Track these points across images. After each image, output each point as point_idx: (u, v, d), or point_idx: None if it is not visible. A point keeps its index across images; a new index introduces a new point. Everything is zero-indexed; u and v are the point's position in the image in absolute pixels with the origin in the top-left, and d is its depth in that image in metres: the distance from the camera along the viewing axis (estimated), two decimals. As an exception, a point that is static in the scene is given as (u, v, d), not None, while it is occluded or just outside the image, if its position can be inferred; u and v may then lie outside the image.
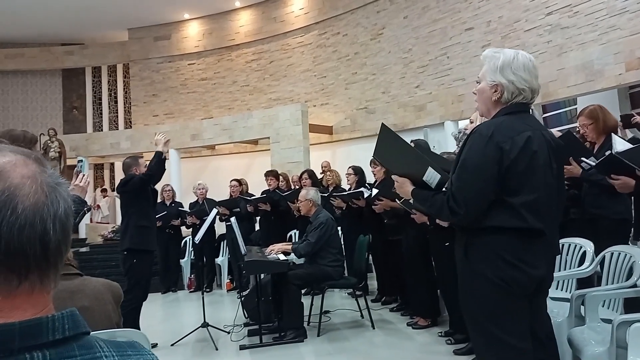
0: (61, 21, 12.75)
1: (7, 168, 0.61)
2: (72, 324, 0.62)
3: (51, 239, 0.61)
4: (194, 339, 4.43)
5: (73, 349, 0.61)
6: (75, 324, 0.62)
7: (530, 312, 1.78)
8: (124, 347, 0.68)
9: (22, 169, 0.62)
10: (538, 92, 1.88)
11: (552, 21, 7.58)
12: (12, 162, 0.62)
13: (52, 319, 0.60)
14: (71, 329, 0.61)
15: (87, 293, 1.94)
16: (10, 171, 0.60)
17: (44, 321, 0.59)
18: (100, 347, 0.64)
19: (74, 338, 0.61)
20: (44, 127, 12.84)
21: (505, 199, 1.72)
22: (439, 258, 3.99)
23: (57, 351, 0.59)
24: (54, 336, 0.59)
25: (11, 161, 0.62)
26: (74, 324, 0.62)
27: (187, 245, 7.57)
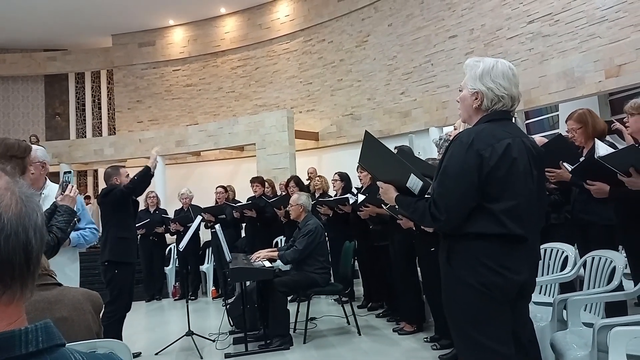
0: (44, 26, 12.59)
1: None
2: (46, 336, 0.61)
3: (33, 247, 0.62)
4: (179, 347, 4.39)
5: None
6: (50, 336, 0.61)
7: (513, 317, 1.80)
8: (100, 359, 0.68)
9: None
10: (518, 100, 1.91)
11: (533, 29, 7.71)
12: None
13: (25, 332, 0.59)
14: (45, 341, 0.60)
15: (66, 303, 1.91)
16: None
17: (17, 334, 0.59)
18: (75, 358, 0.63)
19: (48, 350, 0.60)
20: (26, 133, 12.65)
21: (485, 206, 1.75)
22: (425, 263, 4.02)
23: None
24: (27, 349, 0.58)
25: None
26: (48, 336, 0.61)
27: (172, 253, 7.50)
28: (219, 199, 7.06)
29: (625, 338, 1.93)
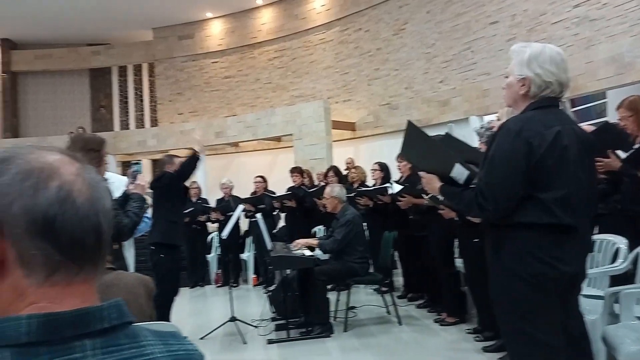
0: (88, 22, 13.00)
1: (59, 166, 0.64)
2: (118, 313, 0.65)
3: (104, 230, 0.65)
4: (222, 332, 4.51)
5: (119, 337, 0.63)
6: (121, 314, 0.65)
7: (563, 309, 1.77)
8: (166, 337, 0.71)
9: (70, 167, 0.65)
10: (568, 86, 1.86)
11: (579, 13, 7.41)
12: (61, 160, 0.65)
13: (100, 309, 0.63)
14: (117, 319, 0.64)
15: (121, 287, 2.00)
16: (61, 169, 0.64)
17: (92, 310, 0.62)
18: (144, 336, 0.67)
19: (120, 327, 0.64)
20: (73, 126, 13.11)
21: (535, 195, 1.71)
22: (467, 254, 3.97)
23: (104, 340, 0.61)
24: (101, 325, 0.62)
25: (60, 159, 0.65)
26: (120, 313, 0.65)
27: (213, 241, 7.68)
28: (257, 188, 7.16)
29: (683, 333, 1.87)
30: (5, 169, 0.62)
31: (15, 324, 0.58)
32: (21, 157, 0.64)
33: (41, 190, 0.61)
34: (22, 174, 0.62)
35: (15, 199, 0.61)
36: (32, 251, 0.61)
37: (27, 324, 0.58)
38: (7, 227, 0.61)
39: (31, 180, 0.61)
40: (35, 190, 0.61)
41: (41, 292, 0.62)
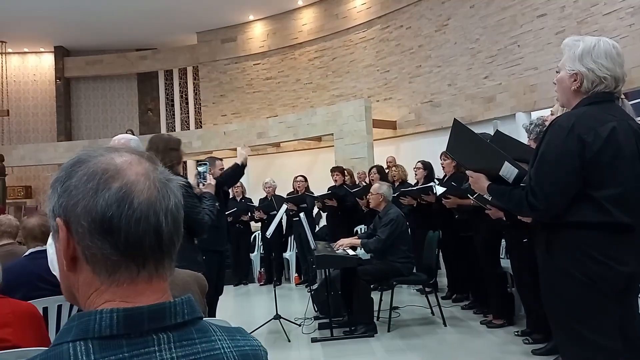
0: (135, 28, 13.50)
1: (124, 167, 0.66)
2: (190, 309, 0.67)
3: (164, 230, 0.67)
4: (267, 330, 4.57)
5: (191, 332, 0.66)
6: (192, 309, 0.67)
7: (621, 312, 1.69)
8: (233, 332, 0.73)
9: (137, 167, 0.67)
10: (623, 81, 1.78)
11: (634, 3, 7.05)
12: (128, 162, 0.68)
13: (174, 304, 0.66)
14: (189, 314, 0.66)
15: (177, 284, 2.06)
16: (126, 169, 0.66)
17: (167, 306, 0.65)
18: (214, 331, 0.69)
19: (192, 322, 0.66)
20: (122, 128, 13.65)
21: (589, 193, 1.65)
22: (516, 255, 3.86)
23: (178, 334, 0.64)
24: (175, 320, 0.64)
25: (127, 160, 0.68)
26: (191, 309, 0.67)
27: (257, 240, 7.79)
28: (299, 187, 7.21)
29: None
30: (75, 171, 0.66)
31: (98, 317, 0.61)
32: (91, 160, 0.67)
33: (102, 191, 0.64)
34: (87, 175, 0.65)
35: (79, 199, 0.64)
36: (93, 250, 0.64)
37: (110, 318, 0.61)
38: (73, 226, 0.64)
39: (94, 182, 0.64)
40: (97, 191, 0.64)
41: (111, 291, 0.65)
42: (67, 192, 0.65)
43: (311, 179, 7.81)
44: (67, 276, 0.67)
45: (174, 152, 2.86)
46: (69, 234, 0.65)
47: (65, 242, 0.65)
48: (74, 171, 0.66)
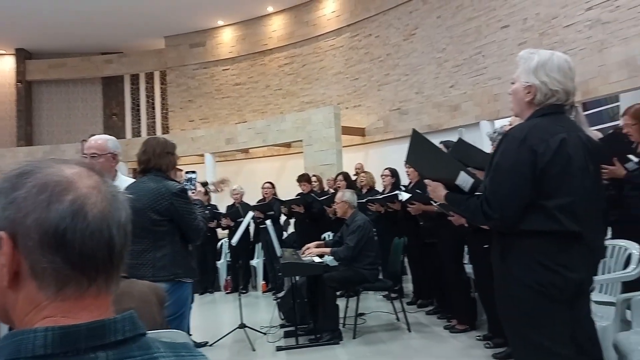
0: (101, 31, 13.21)
1: (75, 179, 0.65)
2: (131, 325, 0.65)
3: (116, 243, 0.66)
4: (231, 339, 4.51)
5: (132, 349, 0.64)
6: (134, 326, 0.65)
7: (571, 317, 1.74)
8: (178, 348, 0.71)
9: (87, 180, 0.66)
10: (574, 94, 1.84)
11: (592, 16, 7.34)
12: (78, 174, 0.66)
13: (114, 321, 0.64)
14: (130, 331, 0.64)
15: (134, 295, 2.01)
16: (77, 182, 0.65)
17: (107, 323, 0.63)
18: (157, 347, 0.67)
19: (133, 339, 0.64)
20: (86, 133, 13.25)
21: (540, 203, 1.70)
22: (477, 260, 3.93)
23: (117, 351, 0.62)
24: (115, 337, 0.62)
25: (77, 172, 0.66)
26: (133, 325, 0.65)
27: (223, 247, 7.70)
28: (266, 194, 7.17)
29: (697, 341, 1.82)
30: (23, 183, 0.63)
31: (32, 336, 0.59)
32: (39, 171, 0.65)
33: (54, 203, 0.62)
34: (38, 187, 0.63)
35: (29, 211, 0.62)
36: (43, 264, 0.61)
37: (44, 337, 0.59)
38: (21, 239, 0.62)
39: (46, 194, 0.62)
40: (49, 203, 0.62)
41: (54, 306, 0.62)
42: (15, 204, 0.62)
43: (281, 185, 7.78)
44: (4, 293, 0.64)
45: (170, 156, 2.83)
46: (14, 248, 0.62)
47: (10, 256, 0.62)
48: (21, 182, 0.63)
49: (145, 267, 2.64)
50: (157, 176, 2.75)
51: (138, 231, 2.64)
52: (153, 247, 2.66)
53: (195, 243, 2.96)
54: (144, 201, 2.65)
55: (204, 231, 2.83)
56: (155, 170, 2.77)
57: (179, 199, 2.70)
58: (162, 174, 2.79)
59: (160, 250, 2.66)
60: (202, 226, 2.81)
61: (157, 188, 2.68)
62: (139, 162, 2.81)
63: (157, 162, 2.78)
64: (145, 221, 2.65)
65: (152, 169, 2.77)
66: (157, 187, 2.69)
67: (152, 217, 2.65)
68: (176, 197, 2.69)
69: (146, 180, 2.74)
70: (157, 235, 2.67)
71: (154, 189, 2.68)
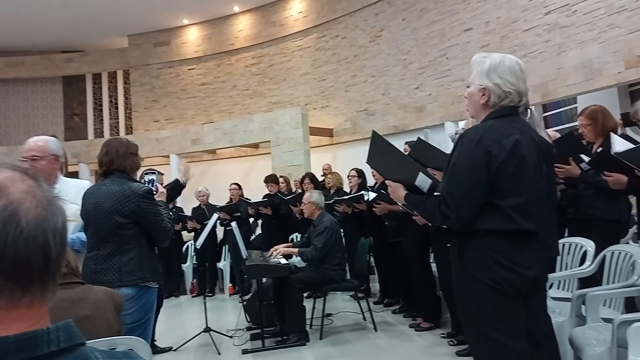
0: (61, 28, 12.80)
1: (7, 184, 0.62)
2: (67, 335, 0.62)
3: (52, 250, 0.63)
4: (197, 343, 4.44)
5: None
6: (70, 336, 0.63)
7: (526, 313, 1.78)
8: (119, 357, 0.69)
9: (20, 184, 0.63)
10: (526, 95, 1.89)
11: (550, 20, 7.58)
12: (10, 178, 0.63)
13: (47, 332, 0.61)
14: (66, 341, 0.62)
15: (89, 302, 1.95)
16: (10, 187, 0.62)
17: (39, 334, 0.60)
18: (95, 357, 0.65)
19: (69, 349, 0.62)
20: (45, 134, 12.82)
21: (495, 202, 1.74)
22: (441, 259, 3.99)
23: None
24: (49, 348, 0.60)
25: (10, 177, 0.63)
26: (69, 335, 0.63)
27: (189, 250, 7.58)
28: (233, 195, 7.11)
29: (646, 334, 1.89)
30: None
31: None
32: None
33: None
34: None
35: None
36: None
37: None
38: None
39: None
40: None
41: None
42: None
43: (249, 186, 7.72)
44: None
45: (133, 157, 2.76)
46: None
47: None
48: None
49: (111, 271, 2.58)
50: (120, 178, 2.69)
51: (103, 235, 2.62)
52: (119, 251, 2.60)
53: (164, 245, 2.90)
54: (108, 204, 2.60)
55: (172, 232, 2.79)
56: (118, 172, 2.70)
57: (146, 200, 2.65)
58: (126, 176, 2.72)
59: (127, 254, 2.60)
60: (169, 227, 2.77)
61: (122, 190, 2.62)
62: (101, 164, 2.73)
63: (121, 163, 2.71)
64: (110, 224, 2.59)
65: (115, 170, 2.70)
66: (121, 189, 2.63)
67: (118, 220, 2.59)
68: (142, 199, 2.64)
69: (109, 183, 2.68)
70: (122, 238, 2.61)
71: (118, 191, 2.62)
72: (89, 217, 2.66)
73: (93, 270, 2.59)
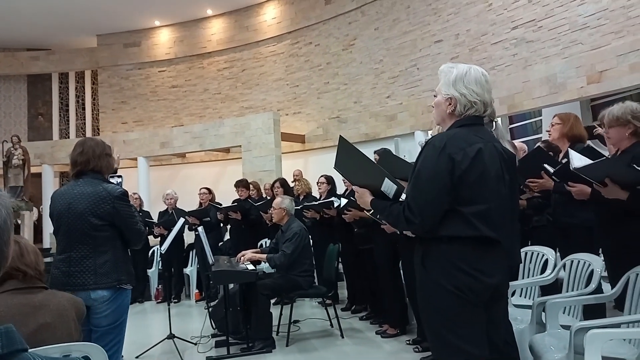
0: (27, 26, 12.44)
1: None
2: (7, 340, 0.61)
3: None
4: (160, 350, 4.34)
5: None
6: (10, 341, 0.61)
7: (487, 320, 1.81)
8: None
9: None
10: (491, 106, 1.93)
11: (517, 35, 7.81)
12: None
13: None
14: (5, 346, 0.60)
15: (51, 308, 1.90)
16: None
17: None
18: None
19: (9, 355, 0.60)
20: (8, 133, 12.42)
21: (458, 209, 1.76)
22: (408, 267, 4.02)
23: None
24: None
25: None
26: (9, 341, 0.61)
27: (155, 255, 7.42)
28: (202, 200, 7.00)
29: (601, 340, 1.95)
30: None
31: None
32: None
33: None
34: None
35: None
36: None
37: None
38: None
39: None
40: None
41: None
42: None
43: (219, 191, 7.63)
44: None
45: (109, 157, 2.74)
46: None
47: None
48: None
49: (86, 274, 2.54)
50: (94, 179, 2.64)
51: (76, 237, 2.57)
52: (94, 253, 2.57)
53: (137, 247, 2.88)
54: (83, 205, 2.56)
55: (145, 235, 2.81)
56: (93, 172, 2.66)
57: (122, 202, 2.63)
58: (100, 177, 2.68)
59: (102, 257, 2.57)
60: (143, 230, 2.77)
61: (97, 191, 2.59)
62: (75, 164, 2.67)
63: (97, 164, 2.67)
64: (85, 226, 2.56)
65: (89, 171, 2.66)
66: (96, 190, 2.59)
67: (93, 221, 2.56)
68: (119, 201, 2.61)
69: (82, 184, 2.63)
70: (97, 240, 2.58)
71: (93, 192, 2.58)
72: (60, 218, 2.61)
73: (65, 273, 2.55)
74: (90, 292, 2.53)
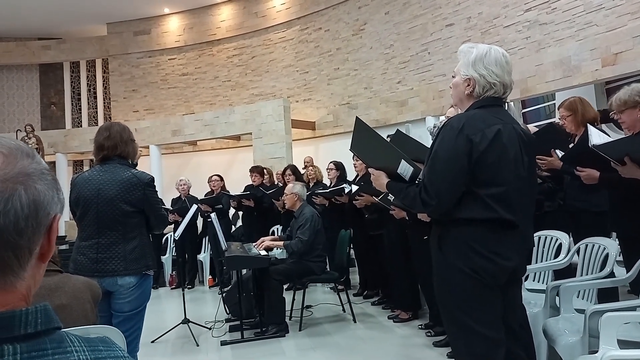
0: (38, 15, 12.48)
1: None
2: (45, 318, 0.62)
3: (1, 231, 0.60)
4: (175, 335, 4.40)
5: (44, 342, 0.61)
6: (48, 319, 0.62)
7: (503, 303, 1.80)
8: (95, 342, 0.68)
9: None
10: (511, 87, 1.90)
11: (530, 17, 7.67)
12: None
13: (26, 313, 0.60)
14: (43, 324, 0.61)
15: (67, 291, 1.92)
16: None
17: (17, 314, 0.60)
18: (71, 341, 0.65)
19: (46, 332, 0.61)
20: (21, 123, 12.58)
21: (475, 191, 1.74)
22: (418, 252, 4.02)
23: (28, 344, 0.59)
24: (26, 330, 0.59)
25: None
26: (47, 318, 0.62)
27: (169, 242, 7.50)
28: (214, 187, 7.05)
29: (616, 324, 1.94)
30: None
31: None
32: None
33: None
34: None
35: None
36: None
37: None
38: None
39: None
40: None
41: None
42: None
43: (230, 178, 7.66)
44: None
45: (134, 143, 2.74)
46: None
47: None
48: None
49: (116, 260, 2.55)
50: (122, 165, 2.62)
51: (106, 223, 2.58)
52: (122, 239, 2.58)
53: (160, 232, 2.92)
54: (114, 191, 2.55)
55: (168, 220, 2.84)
56: (119, 158, 2.63)
57: (151, 189, 2.64)
58: (127, 162, 2.67)
59: (131, 243, 2.59)
60: (166, 215, 2.81)
61: (127, 178, 2.58)
62: (102, 148, 2.63)
63: (124, 149, 2.64)
64: (116, 213, 2.56)
65: (116, 156, 2.63)
66: (126, 176, 2.58)
67: (124, 208, 2.56)
68: (149, 188, 2.62)
69: (110, 169, 2.60)
70: (127, 227, 2.59)
71: (123, 178, 2.57)
72: (88, 204, 2.58)
73: (93, 260, 2.55)
74: (118, 278, 2.55)
